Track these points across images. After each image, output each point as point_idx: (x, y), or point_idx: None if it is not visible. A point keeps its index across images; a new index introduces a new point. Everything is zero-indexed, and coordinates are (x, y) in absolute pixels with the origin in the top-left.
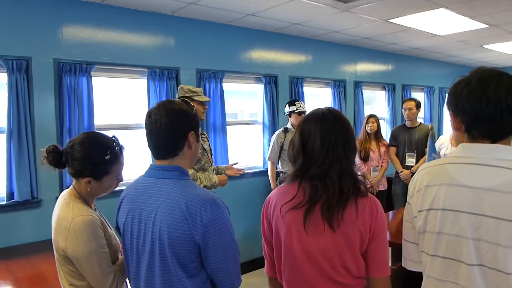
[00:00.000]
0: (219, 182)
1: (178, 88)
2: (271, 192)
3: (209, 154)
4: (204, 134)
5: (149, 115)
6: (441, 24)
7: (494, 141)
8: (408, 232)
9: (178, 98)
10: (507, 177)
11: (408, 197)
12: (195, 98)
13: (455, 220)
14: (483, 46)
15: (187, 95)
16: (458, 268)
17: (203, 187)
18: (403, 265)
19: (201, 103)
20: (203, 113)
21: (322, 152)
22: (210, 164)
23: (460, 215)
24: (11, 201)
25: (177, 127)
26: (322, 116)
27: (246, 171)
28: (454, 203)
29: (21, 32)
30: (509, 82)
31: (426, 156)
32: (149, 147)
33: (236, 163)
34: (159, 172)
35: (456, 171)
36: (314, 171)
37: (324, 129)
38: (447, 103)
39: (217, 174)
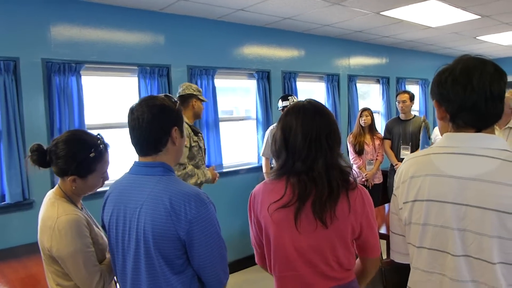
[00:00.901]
0: (212, 178)
1: (185, 85)
2: (256, 187)
3: (203, 153)
4: (200, 133)
5: (131, 112)
6: (433, 16)
7: (478, 130)
8: (395, 224)
9: (185, 94)
10: (491, 166)
11: (394, 188)
12: (200, 97)
13: (440, 211)
14: (477, 37)
15: (195, 93)
16: (444, 259)
17: (199, 182)
18: (391, 257)
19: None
20: None
21: (305, 147)
22: (203, 162)
23: (445, 205)
24: (2, 203)
25: (159, 123)
26: (303, 109)
27: (240, 167)
28: (439, 193)
29: (8, 32)
30: (494, 69)
31: (419, 148)
32: (132, 143)
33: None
34: (143, 169)
35: (440, 161)
36: (299, 167)
37: (305, 122)
38: (431, 93)
39: None
